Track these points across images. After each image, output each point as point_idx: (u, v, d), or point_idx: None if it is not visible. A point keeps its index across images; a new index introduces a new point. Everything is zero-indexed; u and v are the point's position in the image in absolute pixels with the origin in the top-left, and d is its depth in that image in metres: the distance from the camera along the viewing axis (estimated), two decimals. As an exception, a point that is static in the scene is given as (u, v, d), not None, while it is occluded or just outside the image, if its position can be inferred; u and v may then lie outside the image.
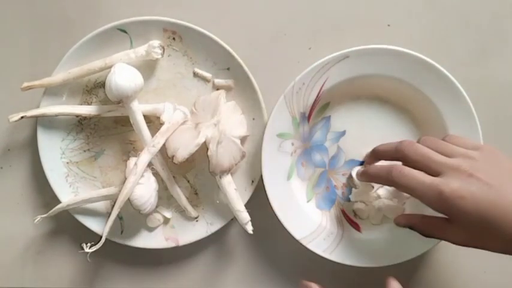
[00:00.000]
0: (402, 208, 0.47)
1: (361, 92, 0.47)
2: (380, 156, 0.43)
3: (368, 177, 0.43)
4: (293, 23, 0.49)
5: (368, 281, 0.49)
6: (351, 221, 0.48)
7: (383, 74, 0.45)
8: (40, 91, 0.47)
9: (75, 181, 0.49)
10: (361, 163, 0.48)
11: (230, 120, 0.46)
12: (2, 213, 0.51)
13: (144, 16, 0.47)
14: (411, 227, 0.42)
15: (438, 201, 0.37)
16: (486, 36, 0.49)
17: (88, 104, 0.48)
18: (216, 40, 0.46)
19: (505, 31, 0.49)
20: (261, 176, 0.46)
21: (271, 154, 0.46)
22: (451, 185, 0.36)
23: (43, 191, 0.50)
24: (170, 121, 0.46)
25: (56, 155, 0.48)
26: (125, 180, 0.44)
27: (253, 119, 0.48)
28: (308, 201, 0.48)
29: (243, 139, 0.47)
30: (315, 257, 0.46)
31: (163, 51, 0.47)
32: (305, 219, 0.47)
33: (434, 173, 0.38)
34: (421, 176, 0.38)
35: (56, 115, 0.47)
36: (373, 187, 0.47)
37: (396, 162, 0.41)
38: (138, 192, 0.44)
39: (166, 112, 0.46)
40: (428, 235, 0.41)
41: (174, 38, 0.47)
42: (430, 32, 0.49)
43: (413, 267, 0.50)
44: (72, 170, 0.49)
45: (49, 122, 0.48)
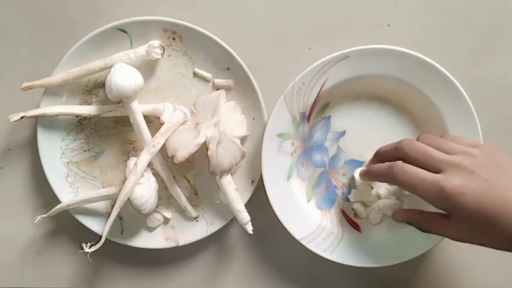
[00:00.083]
0: (401, 205, 0.47)
1: (361, 92, 0.47)
2: (381, 156, 0.43)
3: (370, 175, 0.43)
4: (293, 23, 0.49)
5: (368, 281, 0.49)
6: (351, 221, 0.48)
7: (383, 74, 0.45)
8: (40, 91, 0.47)
9: (75, 181, 0.49)
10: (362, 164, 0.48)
11: (230, 120, 0.46)
12: (2, 213, 0.51)
13: (144, 16, 0.47)
14: (409, 222, 0.42)
15: (439, 197, 0.37)
16: (486, 36, 0.49)
17: (88, 104, 0.48)
18: (216, 40, 0.46)
19: (505, 31, 0.49)
20: (261, 176, 0.46)
21: (271, 154, 0.46)
22: (452, 182, 0.36)
23: (43, 191, 0.50)
24: (170, 121, 0.46)
25: (56, 155, 0.48)
26: (125, 180, 0.44)
27: (253, 119, 0.48)
28: (308, 201, 0.48)
29: (243, 139, 0.47)
30: (315, 257, 0.46)
31: (163, 51, 0.47)
32: (305, 219, 0.47)
33: (434, 170, 0.38)
34: (422, 173, 0.38)
35: (56, 115, 0.47)
36: (372, 188, 0.47)
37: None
38: (138, 192, 0.44)
39: (166, 112, 0.46)
40: (425, 230, 0.41)
41: (174, 38, 0.47)
42: (430, 32, 0.49)
43: (413, 267, 0.50)
44: (72, 170, 0.49)
45: (49, 122, 0.48)
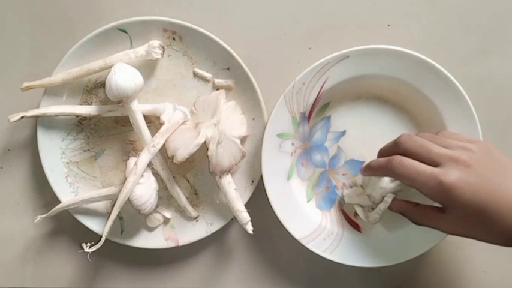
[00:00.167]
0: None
1: (361, 92, 0.47)
2: (382, 154, 0.44)
3: (371, 170, 0.43)
4: (293, 23, 0.49)
5: (368, 281, 0.49)
6: (351, 221, 0.48)
7: (383, 74, 0.45)
8: (40, 91, 0.47)
9: (75, 181, 0.49)
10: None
11: (230, 120, 0.46)
12: (2, 213, 0.51)
13: (144, 16, 0.47)
14: (403, 213, 0.42)
15: (437, 190, 0.37)
16: (486, 36, 0.49)
17: (88, 104, 0.48)
18: (216, 40, 0.46)
19: (505, 31, 0.49)
20: (261, 176, 0.46)
21: (271, 154, 0.46)
22: (451, 175, 0.37)
23: (43, 191, 0.50)
24: (170, 121, 0.46)
25: (56, 155, 0.48)
26: (125, 180, 0.44)
27: (253, 119, 0.48)
28: (308, 201, 0.48)
29: (243, 139, 0.47)
30: (315, 257, 0.46)
31: (163, 51, 0.47)
32: (305, 219, 0.47)
33: (433, 164, 0.38)
34: (421, 166, 0.38)
35: (56, 115, 0.47)
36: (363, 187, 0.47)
37: None
38: (138, 192, 0.44)
39: (166, 112, 0.46)
40: (419, 223, 0.41)
41: (174, 38, 0.47)
42: (430, 32, 0.49)
43: (413, 267, 0.50)
44: (72, 170, 0.49)
45: (49, 122, 0.48)
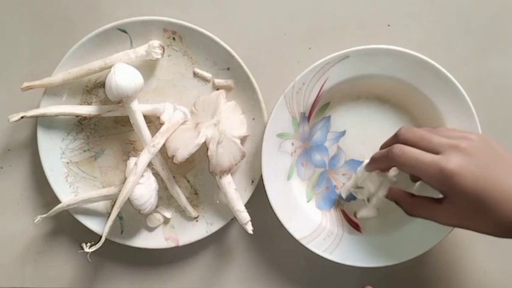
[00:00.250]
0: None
1: (361, 92, 0.47)
2: (383, 148, 0.43)
3: (374, 162, 0.43)
4: (293, 23, 0.49)
5: (368, 281, 0.49)
6: (351, 221, 0.48)
7: (383, 74, 0.45)
8: (40, 91, 0.47)
9: (75, 181, 0.49)
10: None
11: (230, 120, 0.46)
12: (2, 213, 0.51)
13: (144, 16, 0.47)
14: (398, 203, 0.42)
15: (438, 178, 0.37)
16: (486, 36, 0.49)
17: (88, 104, 0.48)
18: (216, 40, 0.46)
19: (505, 31, 0.49)
20: (261, 176, 0.46)
21: (271, 154, 0.46)
22: (451, 162, 0.37)
23: (43, 191, 0.50)
24: (170, 121, 0.46)
25: (56, 155, 0.48)
26: (125, 180, 0.44)
27: (253, 119, 0.48)
28: (308, 201, 0.48)
29: (243, 139, 0.47)
30: (315, 257, 0.46)
31: (163, 51, 0.47)
32: (305, 219, 0.47)
33: (434, 152, 0.38)
34: (422, 154, 0.38)
35: (56, 115, 0.47)
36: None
37: None
38: (138, 192, 0.44)
39: (166, 112, 0.46)
40: (413, 214, 0.41)
41: (174, 38, 0.47)
42: (430, 32, 0.49)
43: (413, 267, 0.49)
44: (72, 170, 0.49)
45: (49, 122, 0.48)
